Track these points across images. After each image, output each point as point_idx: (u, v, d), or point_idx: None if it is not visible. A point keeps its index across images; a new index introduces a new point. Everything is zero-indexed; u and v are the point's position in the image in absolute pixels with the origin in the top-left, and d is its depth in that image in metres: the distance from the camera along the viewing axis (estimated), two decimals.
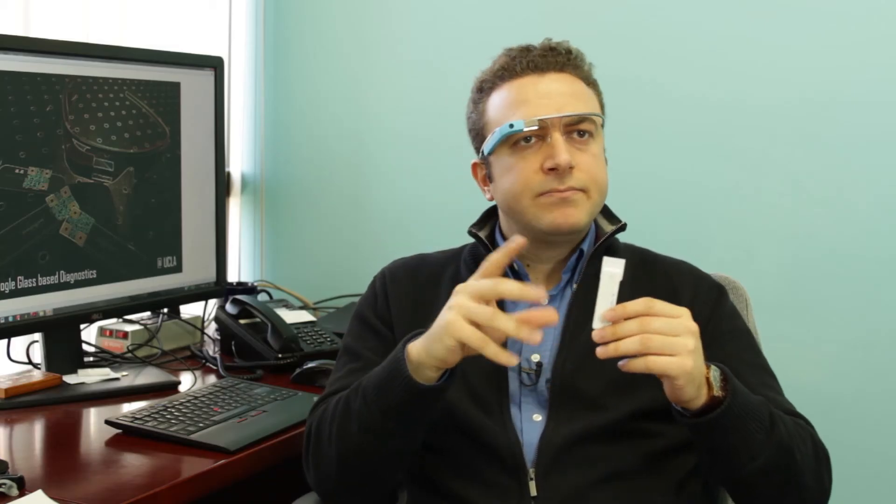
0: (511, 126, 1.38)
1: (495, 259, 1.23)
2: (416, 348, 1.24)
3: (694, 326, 1.19)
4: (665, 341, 1.16)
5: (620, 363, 1.19)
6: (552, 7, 2.31)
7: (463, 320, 1.18)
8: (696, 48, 2.20)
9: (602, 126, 1.44)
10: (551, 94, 1.39)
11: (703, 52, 2.19)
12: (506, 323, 1.16)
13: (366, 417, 1.29)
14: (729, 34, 2.17)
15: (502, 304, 1.28)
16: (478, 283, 1.21)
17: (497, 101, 1.43)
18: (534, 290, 1.18)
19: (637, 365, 1.17)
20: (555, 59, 1.42)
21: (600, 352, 1.18)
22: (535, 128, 1.37)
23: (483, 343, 1.17)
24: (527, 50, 1.44)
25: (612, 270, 1.20)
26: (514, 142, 1.39)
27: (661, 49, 2.22)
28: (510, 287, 1.19)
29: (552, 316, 1.18)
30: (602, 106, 1.47)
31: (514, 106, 1.40)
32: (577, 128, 1.39)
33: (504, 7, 2.36)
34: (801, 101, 2.12)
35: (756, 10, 2.15)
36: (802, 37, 2.12)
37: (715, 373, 1.23)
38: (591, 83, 1.46)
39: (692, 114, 2.21)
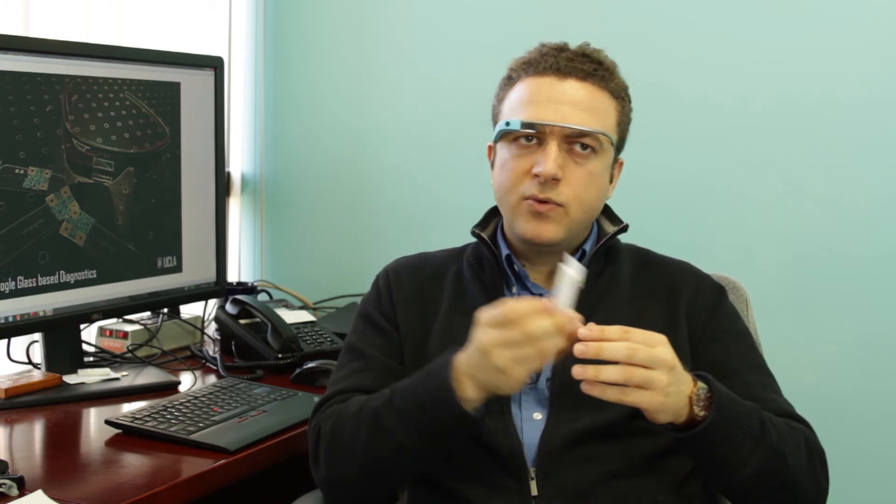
0: (507, 124, 1.39)
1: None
2: (471, 385, 1.21)
3: (670, 358, 1.17)
4: (644, 375, 1.15)
5: (585, 386, 1.16)
6: (551, 7, 2.31)
7: (518, 367, 1.17)
8: (696, 48, 2.20)
9: (614, 144, 1.42)
10: (562, 102, 1.38)
11: (703, 52, 2.19)
12: (552, 342, 1.16)
13: (403, 439, 1.27)
14: (729, 34, 2.17)
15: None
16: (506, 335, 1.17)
17: (514, 94, 1.43)
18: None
19: (612, 393, 1.16)
20: (581, 66, 1.39)
21: (577, 372, 1.16)
22: (532, 131, 1.37)
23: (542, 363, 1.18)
24: (559, 49, 1.42)
25: (572, 273, 1.19)
26: (514, 138, 1.40)
27: (661, 49, 2.22)
28: (543, 324, 1.15)
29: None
30: (623, 124, 1.44)
31: (523, 104, 1.40)
32: (580, 141, 1.38)
33: (504, 7, 2.36)
34: (801, 101, 2.12)
35: (756, 10, 2.15)
36: (802, 37, 2.12)
37: (700, 390, 1.21)
38: (618, 98, 1.42)
39: (692, 114, 2.21)
